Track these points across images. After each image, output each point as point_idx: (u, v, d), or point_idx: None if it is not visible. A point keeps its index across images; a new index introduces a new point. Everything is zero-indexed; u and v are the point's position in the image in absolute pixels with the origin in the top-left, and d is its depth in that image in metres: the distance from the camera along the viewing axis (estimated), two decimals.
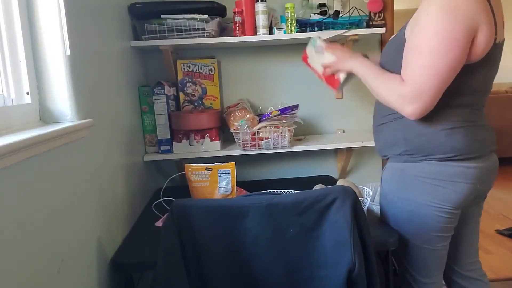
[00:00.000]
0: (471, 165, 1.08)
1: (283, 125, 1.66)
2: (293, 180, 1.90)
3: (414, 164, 1.13)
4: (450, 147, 1.08)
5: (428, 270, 1.20)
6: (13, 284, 0.71)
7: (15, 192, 0.73)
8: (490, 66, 1.05)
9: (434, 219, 1.12)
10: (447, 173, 1.09)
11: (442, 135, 1.08)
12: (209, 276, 0.95)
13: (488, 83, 1.09)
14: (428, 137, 1.10)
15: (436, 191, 1.10)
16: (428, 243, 1.15)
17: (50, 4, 0.96)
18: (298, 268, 0.95)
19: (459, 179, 1.08)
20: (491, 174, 1.14)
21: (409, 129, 1.12)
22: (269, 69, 1.92)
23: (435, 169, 1.10)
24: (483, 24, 0.95)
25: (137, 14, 1.63)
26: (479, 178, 1.09)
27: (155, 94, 1.66)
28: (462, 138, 1.07)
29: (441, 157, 1.09)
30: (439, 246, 1.16)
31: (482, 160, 1.09)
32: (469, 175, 1.08)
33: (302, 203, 0.92)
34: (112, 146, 1.30)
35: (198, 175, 1.40)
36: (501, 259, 2.30)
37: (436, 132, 1.08)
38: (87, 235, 1.04)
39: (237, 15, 1.65)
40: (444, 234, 1.15)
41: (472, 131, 1.08)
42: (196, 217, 0.93)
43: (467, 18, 0.93)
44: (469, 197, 1.10)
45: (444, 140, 1.08)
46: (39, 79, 0.98)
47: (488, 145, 1.11)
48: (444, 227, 1.13)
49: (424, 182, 1.11)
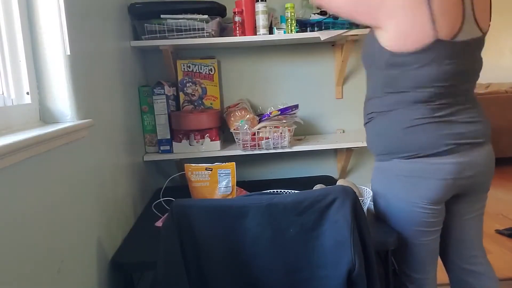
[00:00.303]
0: (440, 161, 1.09)
1: (283, 125, 1.66)
2: (293, 180, 1.90)
3: (388, 163, 1.18)
4: (412, 145, 1.11)
5: (416, 265, 1.21)
6: (13, 284, 0.71)
7: (15, 192, 0.73)
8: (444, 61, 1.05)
9: (413, 214, 1.15)
10: (416, 170, 1.12)
11: (402, 134, 1.12)
12: (209, 276, 0.95)
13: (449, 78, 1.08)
14: (391, 136, 1.15)
15: (410, 188, 1.13)
16: (412, 238, 1.17)
17: (50, 4, 0.96)
18: (298, 268, 0.95)
19: (428, 175, 1.10)
20: (478, 168, 1.12)
21: (378, 129, 1.19)
22: (269, 69, 1.92)
23: (405, 167, 1.13)
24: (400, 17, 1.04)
25: (137, 14, 1.63)
26: (453, 173, 1.09)
27: (155, 94, 1.66)
28: (422, 135, 1.09)
29: (407, 155, 1.12)
30: (424, 240, 1.17)
31: (457, 156, 1.09)
32: (439, 171, 1.09)
33: (302, 203, 0.92)
34: (112, 146, 1.30)
35: (198, 175, 1.40)
36: (501, 259, 2.30)
37: (397, 131, 1.13)
38: (87, 235, 1.04)
39: (237, 15, 1.65)
40: (427, 229, 1.16)
41: (437, 127, 1.09)
42: (196, 217, 0.93)
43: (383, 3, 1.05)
44: (446, 193, 1.12)
45: (404, 138, 1.12)
46: (39, 79, 0.98)
47: (466, 139, 1.10)
48: (425, 221, 1.15)
49: (398, 180, 1.15)
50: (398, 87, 1.12)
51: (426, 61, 1.06)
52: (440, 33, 1.03)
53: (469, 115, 1.12)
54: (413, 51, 1.06)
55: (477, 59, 1.12)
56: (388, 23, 1.07)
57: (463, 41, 1.05)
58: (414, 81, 1.09)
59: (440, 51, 1.05)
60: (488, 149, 1.15)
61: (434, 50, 1.04)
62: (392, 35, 1.08)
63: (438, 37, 1.03)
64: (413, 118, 1.10)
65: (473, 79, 1.14)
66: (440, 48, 1.04)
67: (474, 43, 1.08)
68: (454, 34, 1.04)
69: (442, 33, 1.03)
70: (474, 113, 1.13)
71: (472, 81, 1.14)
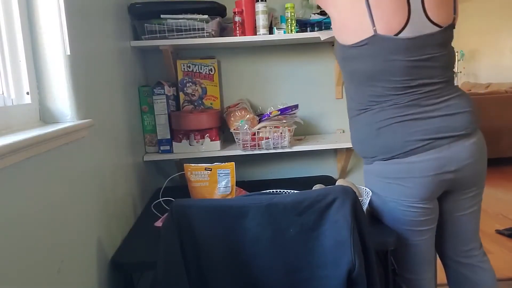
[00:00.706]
0: (416, 160, 1.08)
1: (283, 125, 1.67)
2: (293, 180, 1.90)
3: (371, 166, 1.19)
4: (384, 147, 1.12)
5: (410, 266, 1.20)
6: (13, 284, 0.71)
7: (15, 192, 0.73)
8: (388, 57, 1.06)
9: (403, 213, 1.14)
10: (395, 171, 1.12)
11: (374, 137, 1.13)
12: (209, 276, 0.95)
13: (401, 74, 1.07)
14: (365, 140, 1.17)
15: (395, 188, 1.13)
16: (405, 238, 1.16)
17: (50, 4, 0.96)
18: (298, 268, 0.95)
19: (407, 175, 1.10)
20: (463, 162, 1.10)
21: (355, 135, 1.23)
22: (269, 69, 1.92)
23: (385, 169, 1.14)
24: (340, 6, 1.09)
25: (137, 14, 1.63)
26: (432, 169, 1.08)
27: (155, 94, 1.66)
28: (391, 137, 1.10)
29: (383, 158, 1.13)
30: (417, 240, 1.17)
31: (434, 152, 1.07)
32: (417, 169, 1.09)
33: (302, 203, 0.92)
34: (112, 146, 1.30)
35: (198, 175, 1.40)
36: (501, 259, 2.30)
37: (369, 134, 1.15)
38: (87, 235, 1.04)
39: (237, 15, 1.65)
40: (419, 228, 1.16)
41: (405, 125, 1.08)
42: (196, 217, 0.93)
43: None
44: (432, 190, 1.11)
45: (376, 141, 1.13)
46: (39, 79, 0.98)
47: (443, 133, 1.08)
48: (415, 220, 1.14)
49: (383, 181, 1.16)
50: (354, 81, 1.15)
51: (366, 54, 1.07)
52: (378, 28, 1.04)
53: (447, 109, 1.09)
54: (354, 44, 1.08)
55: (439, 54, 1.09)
56: (333, 10, 1.14)
57: (410, 38, 1.05)
58: (361, 75, 1.11)
59: (382, 46, 1.05)
60: (475, 140, 1.11)
61: (374, 44, 1.05)
62: (336, 25, 1.13)
63: (377, 32, 1.04)
64: (381, 120, 1.11)
65: (442, 73, 1.11)
66: (381, 43, 1.05)
67: (427, 39, 1.06)
68: (398, 31, 1.04)
69: (381, 29, 1.04)
70: (454, 106, 1.10)
71: (441, 76, 1.11)
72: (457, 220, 1.23)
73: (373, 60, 1.08)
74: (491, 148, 4.88)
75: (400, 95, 1.09)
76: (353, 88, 1.19)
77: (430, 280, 1.23)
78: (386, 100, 1.11)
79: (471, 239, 1.26)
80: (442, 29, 1.08)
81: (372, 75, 1.10)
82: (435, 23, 1.07)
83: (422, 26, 1.06)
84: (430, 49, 1.08)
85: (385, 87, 1.10)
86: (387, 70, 1.08)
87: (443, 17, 1.08)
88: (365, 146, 1.19)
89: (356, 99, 1.19)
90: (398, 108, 1.09)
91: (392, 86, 1.09)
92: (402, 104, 1.09)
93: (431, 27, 1.07)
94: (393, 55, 1.06)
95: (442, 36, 1.09)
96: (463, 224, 1.23)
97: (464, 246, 1.26)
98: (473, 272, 1.25)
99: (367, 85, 1.13)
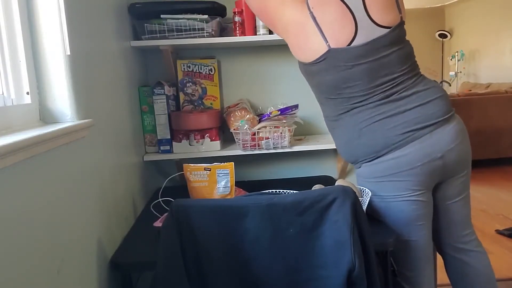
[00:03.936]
0: (401, 154, 1.10)
1: (283, 125, 1.67)
2: (293, 180, 1.90)
3: (360, 169, 1.22)
4: (367, 149, 1.14)
5: (409, 263, 1.21)
6: (13, 284, 0.71)
7: (15, 192, 0.73)
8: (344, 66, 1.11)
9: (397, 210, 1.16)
10: (383, 169, 1.14)
11: (354, 141, 1.16)
12: (209, 276, 0.95)
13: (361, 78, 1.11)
14: (347, 146, 1.20)
15: (386, 186, 1.16)
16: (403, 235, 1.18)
17: (50, 4, 0.96)
18: (298, 268, 0.95)
19: (397, 170, 1.12)
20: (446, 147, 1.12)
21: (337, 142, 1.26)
22: (269, 69, 1.92)
23: (373, 170, 1.16)
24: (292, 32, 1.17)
25: (137, 14, 1.63)
26: (420, 159, 1.10)
27: (155, 94, 1.66)
28: (371, 137, 1.13)
29: (369, 159, 1.15)
30: (415, 237, 1.18)
31: (418, 142, 1.10)
32: (404, 163, 1.11)
33: (302, 203, 0.92)
34: (112, 146, 1.30)
35: (197, 175, 1.40)
36: (501, 259, 2.30)
37: (349, 140, 1.18)
38: (86, 235, 1.04)
39: (237, 15, 1.65)
40: (415, 223, 1.17)
41: (382, 124, 1.11)
42: (196, 217, 0.93)
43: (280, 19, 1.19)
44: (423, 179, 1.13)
45: (357, 145, 1.16)
46: (39, 79, 0.98)
47: (422, 123, 1.10)
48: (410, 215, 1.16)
49: (372, 182, 1.18)
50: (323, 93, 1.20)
51: (326, 68, 1.13)
52: (331, 43, 1.10)
53: (419, 99, 1.13)
54: (313, 62, 1.14)
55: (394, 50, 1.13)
56: (285, 36, 1.21)
57: (361, 45, 1.10)
58: (327, 87, 1.17)
59: (338, 58, 1.11)
60: (454, 124, 1.14)
61: (331, 58, 1.11)
62: (292, 47, 1.20)
63: (330, 47, 1.10)
64: (360, 122, 1.14)
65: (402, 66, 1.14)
66: (336, 55, 1.11)
67: (380, 41, 1.11)
68: (349, 41, 1.10)
69: (333, 43, 1.10)
70: (424, 95, 1.13)
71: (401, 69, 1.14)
72: (451, 207, 1.25)
73: (333, 72, 1.14)
74: (492, 148, 4.87)
75: (370, 96, 1.13)
76: (323, 99, 1.25)
77: (430, 277, 1.25)
78: (358, 103, 1.15)
79: (466, 223, 1.29)
80: (391, 29, 1.12)
81: (336, 85, 1.15)
82: (383, 26, 1.11)
83: (371, 31, 1.11)
84: (384, 50, 1.12)
85: (352, 92, 1.14)
86: (348, 78, 1.13)
87: (389, 19, 1.12)
88: (349, 150, 1.22)
89: (328, 108, 1.24)
90: (371, 109, 1.13)
91: (357, 90, 1.13)
92: (374, 104, 1.13)
93: (380, 30, 1.11)
94: (350, 63, 1.11)
95: (393, 35, 1.13)
96: (457, 210, 1.26)
97: (460, 231, 1.28)
98: (470, 257, 1.28)
99: (335, 95, 1.18)
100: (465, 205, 1.27)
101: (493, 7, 6.20)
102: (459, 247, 1.29)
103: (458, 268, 1.30)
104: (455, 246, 1.29)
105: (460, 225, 1.27)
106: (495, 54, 6.27)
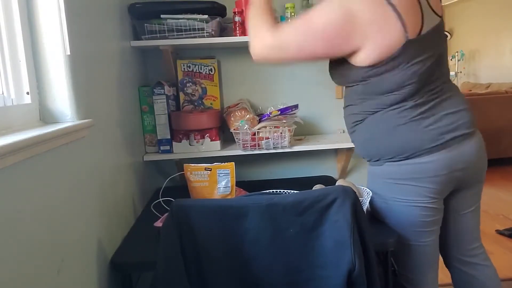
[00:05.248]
0: (429, 160, 1.08)
1: (283, 125, 1.66)
2: (293, 180, 1.90)
3: (380, 168, 1.17)
4: (398, 148, 1.10)
5: (415, 266, 1.20)
6: (13, 284, 0.71)
7: (15, 192, 0.73)
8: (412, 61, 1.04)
9: (412, 215, 1.14)
10: (408, 172, 1.11)
11: (387, 138, 1.12)
12: (209, 276, 0.95)
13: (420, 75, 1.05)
14: (377, 141, 1.15)
15: (404, 189, 1.13)
16: (411, 239, 1.16)
17: (50, 4, 0.96)
18: (298, 268, 0.95)
19: (420, 175, 1.10)
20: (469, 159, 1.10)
21: (364, 137, 1.19)
22: (269, 69, 1.92)
23: (397, 170, 1.13)
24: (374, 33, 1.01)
25: (137, 14, 1.63)
26: (445, 169, 1.08)
27: (155, 94, 1.66)
28: (406, 136, 1.09)
29: (396, 159, 1.12)
30: (423, 242, 1.17)
31: (446, 151, 1.07)
32: (430, 170, 1.09)
33: (302, 203, 0.92)
34: (112, 146, 1.30)
35: (197, 175, 1.40)
36: (501, 259, 2.30)
37: (381, 135, 1.13)
38: (87, 235, 1.04)
39: (237, 15, 1.65)
40: (426, 229, 1.16)
41: (419, 125, 1.08)
42: (196, 217, 0.93)
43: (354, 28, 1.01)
44: (442, 189, 1.11)
45: (389, 142, 1.12)
46: (39, 79, 0.98)
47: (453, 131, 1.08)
48: (423, 222, 1.14)
49: (393, 183, 1.14)
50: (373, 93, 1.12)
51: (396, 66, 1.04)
52: (409, 34, 1.01)
53: (452, 105, 1.10)
54: (386, 59, 1.03)
55: (441, 44, 1.10)
56: (366, 43, 1.03)
57: (426, 33, 1.04)
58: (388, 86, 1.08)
59: (410, 52, 1.03)
60: (477, 138, 1.13)
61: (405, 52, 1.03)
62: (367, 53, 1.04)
63: (408, 38, 1.01)
64: (394, 120, 1.10)
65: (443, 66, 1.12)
66: (409, 48, 1.02)
67: (436, 31, 1.06)
68: (420, 30, 1.03)
69: (411, 33, 1.02)
70: (456, 102, 1.11)
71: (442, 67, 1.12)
72: (462, 218, 1.24)
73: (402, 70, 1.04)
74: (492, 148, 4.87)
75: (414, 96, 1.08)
76: (367, 98, 1.14)
77: (434, 279, 1.23)
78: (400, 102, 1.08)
79: (475, 237, 1.27)
80: (441, 18, 1.08)
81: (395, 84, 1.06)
82: (437, 13, 1.06)
83: (431, 20, 1.04)
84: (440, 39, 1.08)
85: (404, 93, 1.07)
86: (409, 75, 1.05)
87: (439, 6, 1.08)
88: (378, 146, 1.15)
89: (361, 107, 1.16)
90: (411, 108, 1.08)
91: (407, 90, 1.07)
92: (414, 103, 1.08)
93: (436, 19, 1.06)
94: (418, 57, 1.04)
95: (443, 24, 1.09)
96: (467, 222, 1.24)
97: (468, 244, 1.26)
98: (477, 270, 1.26)
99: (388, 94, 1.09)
100: (475, 218, 1.25)
101: (493, 7, 6.20)
102: (466, 261, 1.27)
103: (465, 282, 1.28)
104: (463, 260, 1.27)
105: (469, 237, 1.26)
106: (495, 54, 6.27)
